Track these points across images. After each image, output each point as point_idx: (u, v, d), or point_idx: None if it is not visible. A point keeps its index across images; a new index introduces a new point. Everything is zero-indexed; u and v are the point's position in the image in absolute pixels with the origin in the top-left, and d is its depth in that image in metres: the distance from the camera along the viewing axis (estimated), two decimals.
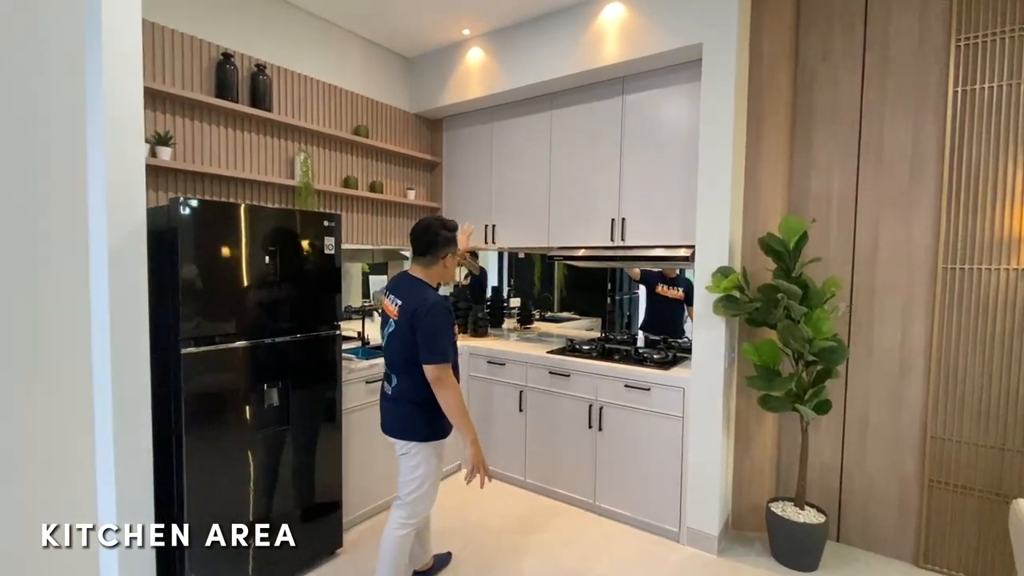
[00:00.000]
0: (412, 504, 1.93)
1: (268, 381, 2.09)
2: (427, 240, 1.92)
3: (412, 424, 1.90)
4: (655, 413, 2.57)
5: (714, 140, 2.37)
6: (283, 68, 2.75)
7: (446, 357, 1.80)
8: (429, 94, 3.44)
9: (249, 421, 2.03)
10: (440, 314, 1.83)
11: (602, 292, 4.05)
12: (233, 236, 1.96)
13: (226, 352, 1.94)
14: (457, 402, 1.81)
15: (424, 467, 1.92)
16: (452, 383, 1.82)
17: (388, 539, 1.91)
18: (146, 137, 2.20)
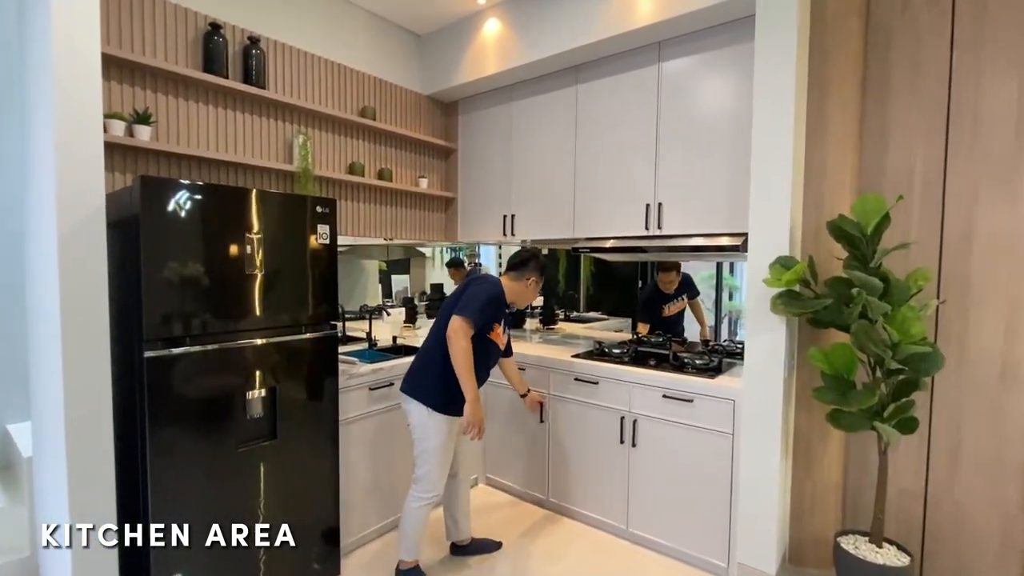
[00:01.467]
0: (421, 480, 2.04)
1: (250, 389, 1.82)
2: (522, 258, 2.22)
3: (428, 388, 2.02)
4: (699, 428, 2.21)
5: (770, 109, 2.00)
6: (280, 42, 2.50)
7: (476, 319, 1.95)
8: (442, 73, 3.16)
9: (228, 435, 1.76)
10: (491, 289, 2.04)
11: (632, 290, 3.69)
12: (207, 221, 1.70)
13: (199, 355, 1.68)
14: (464, 358, 1.91)
15: (429, 440, 2.01)
16: (465, 341, 1.92)
17: (405, 509, 2.07)
18: (123, 114, 1.97)
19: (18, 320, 2.19)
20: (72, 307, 1.50)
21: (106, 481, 1.60)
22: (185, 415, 1.66)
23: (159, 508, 1.61)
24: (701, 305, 3.15)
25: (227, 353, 1.75)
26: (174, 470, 1.64)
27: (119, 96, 2.00)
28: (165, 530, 1.61)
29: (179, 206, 1.63)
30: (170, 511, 1.64)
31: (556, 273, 4.43)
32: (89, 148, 1.53)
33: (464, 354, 1.91)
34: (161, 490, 1.62)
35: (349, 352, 2.65)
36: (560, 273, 4.43)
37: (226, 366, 1.75)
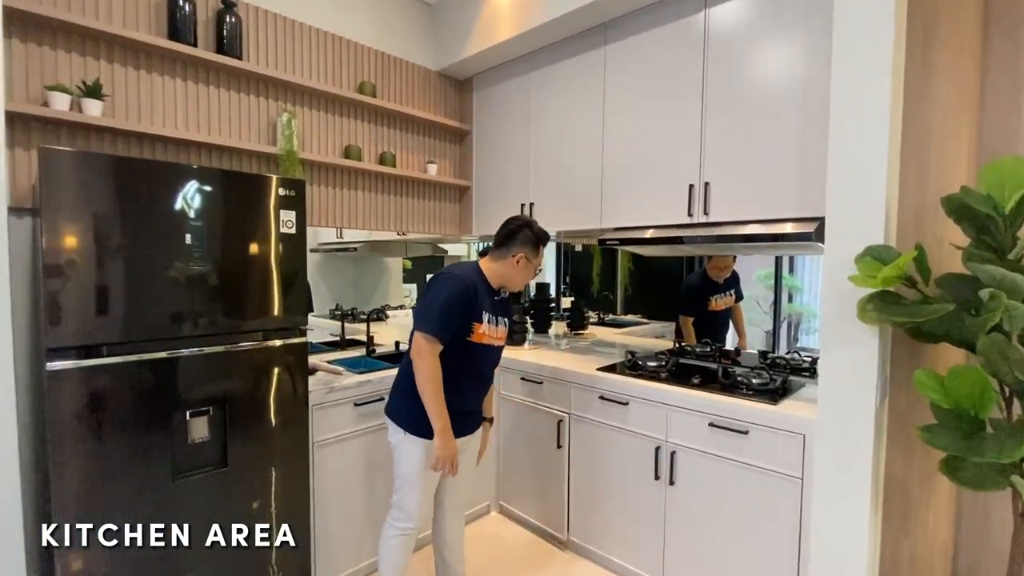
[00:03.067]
0: (396, 507, 1.76)
1: (192, 407, 1.51)
2: (505, 231, 1.79)
3: (402, 408, 1.73)
4: (757, 469, 1.73)
5: (856, 51, 1.49)
6: (260, 8, 2.21)
7: (436, 330, 1.60)
8: (454, 45, 2.79)
9: (161, 464, 1.46)
10: (451, 284, 1.64)
11: (676, 290, 3.20)
12: (131, 204, 1.40)
13: (119, 368, 1.37)
14: (431, 379, 1.60)
15: (406, 465, 1.72)
16: (430, 360, 1.60)
17: (381, 541, 1.78)
18: (67, 86, 1.71)
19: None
20: None
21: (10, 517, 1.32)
22: (102, 439, 1.37)
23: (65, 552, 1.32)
24: (743, 312, 2.64)
25: (158, 365, 1.44)
26: (86, 506, 1.35)
27: (67, 66, 1.75)
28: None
29: (91, 185, 1.33)
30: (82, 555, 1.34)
31: (591, 272, 3.99)
32: None
33: (429, 377, 1.59)
34: (69, 531, 1.32)
35: (338, 360, 2.33)
36: (594, 272, 3.98)
37: (157, 381, 1.45)
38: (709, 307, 2.67)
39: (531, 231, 1.79)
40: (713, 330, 2.63)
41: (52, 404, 1.29)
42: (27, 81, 1.68)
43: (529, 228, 1.79)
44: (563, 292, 4.06)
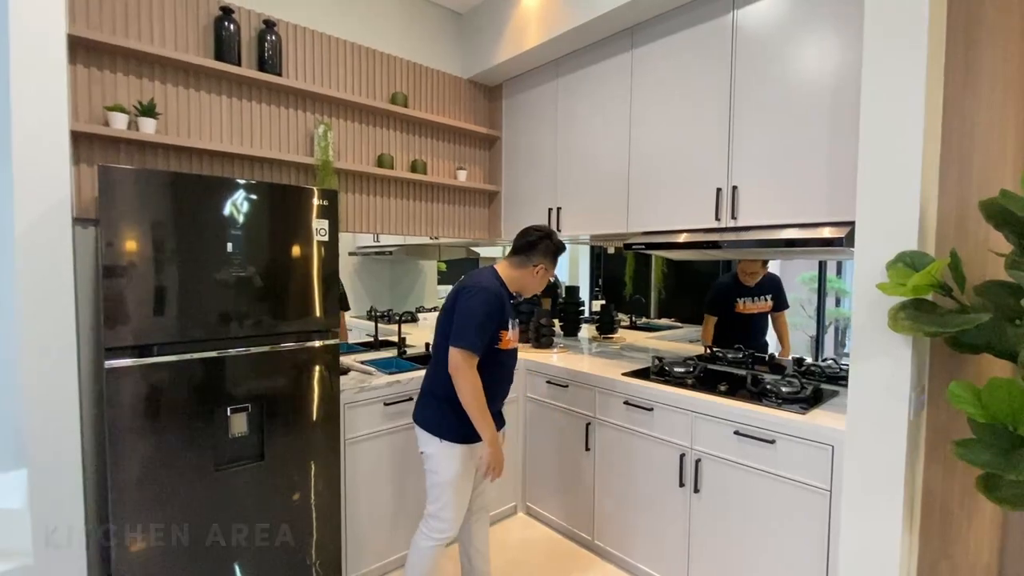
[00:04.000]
0: (434, 517, 1.74)
1: (232, 404, 1.62)
2: (528, 240, 1.82)
3: (436, 416, 1.73)
4: (783, 479, 1.69)
5: (889, 41, 1.44)
6: (298, 26, 2.32)
7: (473, 346, 1.63)
8: (483, 53, 2.85)
9: (204, 455, 1.57)
10: (483, 297, 1.67)
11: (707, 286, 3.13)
12: (180, 215, 1.52)
13: (168, 366, 1.49)
14: (475, 394, 1.63)
15: (444, 473, 1.71)
16: (472, 375, 1.63)
17: (413, 546, 1.77)
18: (124, 106, 1.86)
19: None
20: (32, 311, 1.37)
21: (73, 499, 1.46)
22: (153, 432, 1.49)
23: (122, 534, 1.44)
24: (786, 320, 2.56)
25: (202, 364, 1.55)
26: (140, 491, 1.47)
27: (124, 88, 1.91)
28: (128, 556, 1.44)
29: (146, 198, 1.46)
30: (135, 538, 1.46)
31: (623, 275, 3.96)
32: (51, 136, 1.39)
33: (473, 392, 1.63)
34: (124, 513, 1.45)
35: (371, 360, 2.42)
36: (627, 275, 3.95)
37: (202, 379, 1.56)
38: (736, 309, 2.61)
39: (551, 242, 1.82)
40: (741, 333, 2.57)
41: (110, 399, 1.42)
42: (89, 102, 1.84)
43: (550, 239, 1.82)
44: (595, 295, 4.05)
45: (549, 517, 2.53)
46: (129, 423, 1.45)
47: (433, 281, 3.62)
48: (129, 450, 1.45)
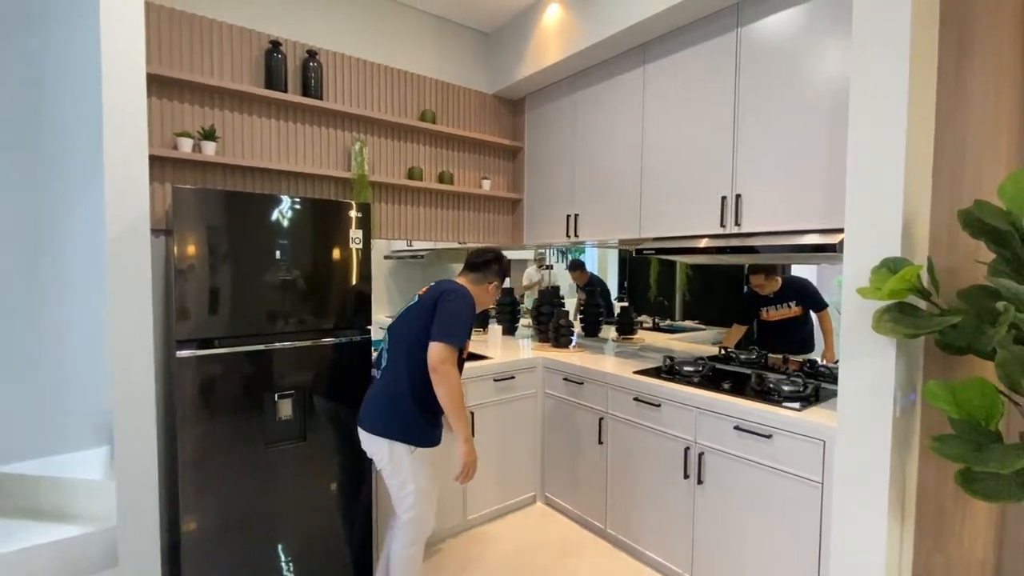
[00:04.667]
0: (414, 522, 1.77)
1: (279, 391, 1.86)
2: (484, 260, 1.95)
3: (406, 423, 1.73)
4: (779, 472, 1.79)
5: (874, 61, 1.53)
6: (337, 53, 2.57)
7: (460, 342, 1.71)
8: (507, 69, 3.03)
9: (257, 434, 1.82)
10: (469, 302, 1.79)
11: (737, 296, 3.20)
12: (237, 227, 1.77)
13: (226, 357, 1.75)
14: (456, 391, 1.68)
15: (415, 479, 1.74)
16: (453, 372, 1.69)
17: (394, 556, 1.78)
18: (190, 132, 2.15)
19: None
20: (117, 308, 1.65)
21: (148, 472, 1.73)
22: (213, 413, 1.74)
23: (188, 500, 1.70)
24: (831, 319, 2.56)
25: (255, 356, 1.80)
26: (202, 464, 1.73)
27: (193, 116, 2.20)
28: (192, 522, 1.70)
29: (208, 213, 1.71)
30: (199, 504, 1.72)
31: (648, 277, 4.06)
32: (134, 159, 1.66)
33: (456, 389, 1.67)
34: (190, 482, 1.71)
35: None
36: (652, 278, 4.05)
37: (254, 368, 1.81)
38: (761, 317, 2.68)
39: (501, 265, 1.97)
40: (774, 339, 2.62)
41: (179, 385, 1.68)
42: (162, 129, 2.13)
43: (501, 261, 1.97)
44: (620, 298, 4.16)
45: (565, 507, 2.68)
46: (194, 405, 1.71)
47: None
48: (194, 429, 1.71)
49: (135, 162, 1.68)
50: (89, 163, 2.49)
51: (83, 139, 2.50)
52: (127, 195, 1.65)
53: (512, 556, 2.35)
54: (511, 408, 2.67)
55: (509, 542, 2.46)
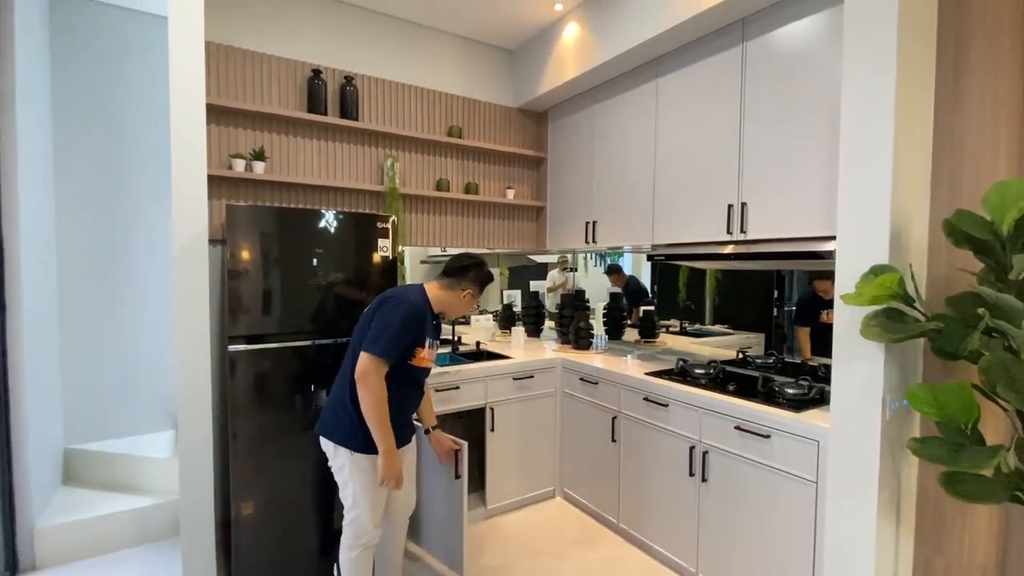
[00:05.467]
0: (350, 526, 1.79)
1: (316, 382, 2.09)
2: (461, 265, 1.87)
3: (344, 428, 1.74)
4: (777, 471, 1.86)
5: (864, 73, 1.59)
6: (371, 77, 2.82)
7: (385, 354, 1.66)
8: (530, 84, 3.20)
9: (298, 418, 2.06)
10: (404, 310, 1.71)
11: (767, 301, 3.22)
12: (279, 238, 2.02)
13: (271, 352, 2.00)
14: (377, 405, 1.65)
15: (352, 483, 1.75)
16: (377, 383, 1.65)
17: (341, 561, 1.82)
18: (243, 154, 2.44)
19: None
20: (180, 310, 1.92)
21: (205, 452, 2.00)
22: (261, 401, 2.00)
23: (238, 479, 1.96)
24: None
25: (295, 351, 2.04)
26: (251, 445, 1.98)
27: (245, 140, 2.49)
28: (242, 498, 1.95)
29: (256, 226, 1.97)
30: (247, 482, 1.97)
31: (677, 281, 4.11)
32: (196, 179, 1.94)
33: (376, 401, 1.63)
34: (240, 459, 1.96)
35: None
36: (681, 282, 4.09)
37: (294, 362, 2.05)
38: (820, 320, 2.66)
39: (481, 272, 1.87)
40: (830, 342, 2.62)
41: (231, 376, 1.94)
42: (219, 152, 2.43)
43: (480, 269, 1.86)
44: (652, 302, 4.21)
45: (582, 501, 2.80)
46: (243, 394, 1.97)
47: (496, 286, 4.03)
48: (244, 414, 1.97)
49: (196, 182, 1.96)
50: (157, 182, 2.85)
51: (153, 161, 2.87)
52: (190, 211, 1.93)
53: (528, 544, 2.49)
54: (531, 405, 2.82)
55: (526, 532, 2.61)
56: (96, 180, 2.78)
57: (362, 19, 2.80)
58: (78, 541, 2.33)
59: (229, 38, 2.44)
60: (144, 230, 2.90)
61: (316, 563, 2.12)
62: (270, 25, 2.54)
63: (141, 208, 2.88)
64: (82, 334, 2.77)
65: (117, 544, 2.40)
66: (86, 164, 2.75)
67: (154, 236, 2.89)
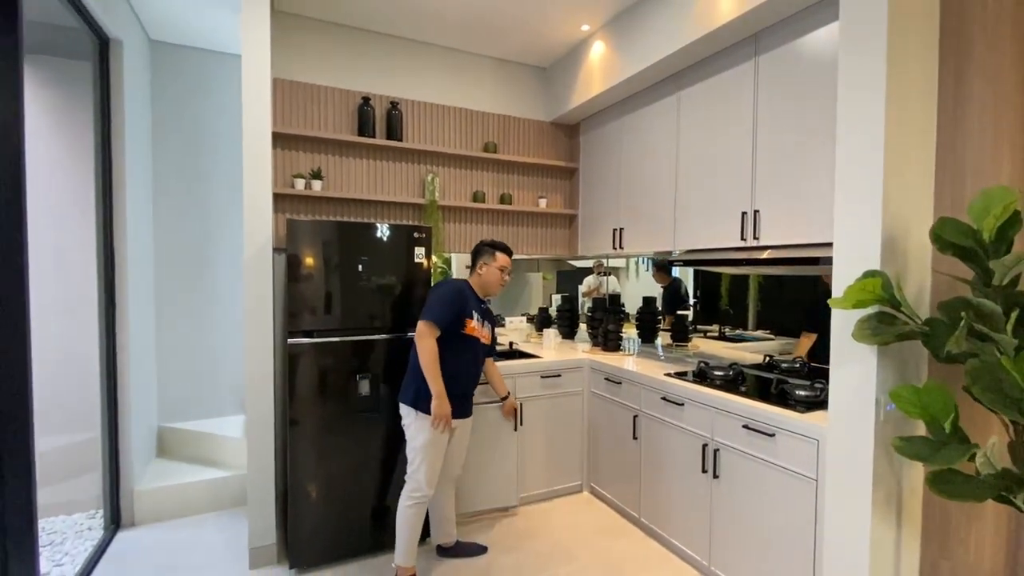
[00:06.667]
0: (412, 477, 2.15)
1: (360, 372, 2.38)
2: (473, 253, 2.37)
3: (409, 388, 2.17)
4: (781, 468, 1.93)
5: (857, 81, 1.66)
6: (414, 100, 3.12)
7: (435, 318, 2.10)
8: (562, 99, 3.39)
9: (347, 403, 2.36)
10: (446, 287, 2.22)
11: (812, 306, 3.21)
12: (329, 247, 2.33)
13: (324, 345, 2.30)
14: (427, 357, 2.07)
15: (418, 438, 2.12)
16: (429, 341, 2.08)
17: (398, 510, 2.16)
18: (303, 173, 2.80)
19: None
20: (250, 309, 2.27)
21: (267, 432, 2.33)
22: (316, 388, 2.31)
23: (295, 456, 2.28)
24: None
25: (343, 345, 2.34)
26: (308, 426, 2.30)
27: (305, 161, 2.85)
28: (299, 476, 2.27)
29: (312, 238, 2.29)
30: (303, 460, 2.29)
31: (719, 287, 4.13)
32: (263, 197, 2.29)
33: (428, 353, 2.06)
34: (298, 439, 2.28)
35: None
36: (723, 287, 4.11)
37: (340, 355, 2.35)
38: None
39: (484, 244, 2.32)
40: None
41: (291, 366, 2.26)
42: (282, 173, 2.80)
43: (483, 243, 2.33)
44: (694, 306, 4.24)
45: (607, 496, 2.93)
46: (304, 381, 2.29)
47: (539, 290, 4.24)
48: (302, 400, 2.29)
49: (263, 200, 2.31)
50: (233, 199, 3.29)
51: (229, 181, 3.31)
52: (258, 226, 2.28)
53: (554, 533, 2.66)
54: (559, 403, 2.99)
55: (553, 521, 2.78)
56: (184, 197, 3.26)
57: (408, 49, 3.11)
58: (167, 504, 2.75)
59: (292, 74, 2.81)
60: (223, 239, 3.35)
61: (361, 533, 2.41)
62: (326, 61, 2.90)
63: (220, 220, 3.34)
64: (173, 329, 3.25)
65: (198, 508, 2.81)
66: (177, 183, 3.23)
67: (231, 244, 3.34)
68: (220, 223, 3.34)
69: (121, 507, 2.68)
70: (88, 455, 2.63)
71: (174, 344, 3.25)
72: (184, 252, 3.27)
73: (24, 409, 1.74)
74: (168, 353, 3.23)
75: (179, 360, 3.27)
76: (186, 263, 3.28)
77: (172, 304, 3.24)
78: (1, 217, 1.67)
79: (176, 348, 3.26)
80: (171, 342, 3.24)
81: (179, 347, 3.27)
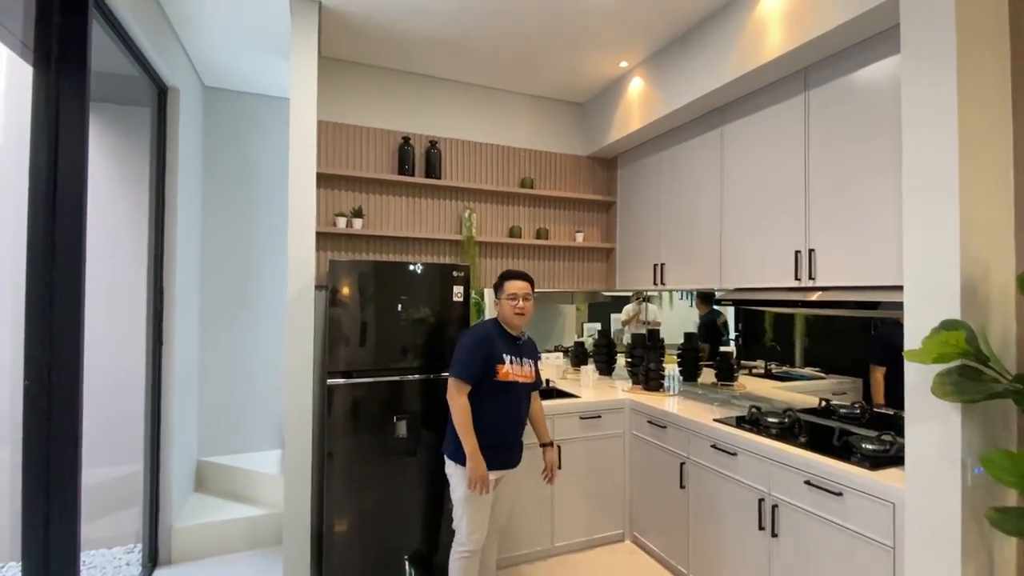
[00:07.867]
0: (456, 532, 2.09)
1: (397, 413, 2.34)
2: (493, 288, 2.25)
3: (448, 440, 2.11)
4: (850, 532, 1.77)
5: (924, 112, 1.56)
6: (453, 139, 3.15)
7: (460, 376, 2.02)
8: (599, 134, 3.37)
9: (382, 445, 2.32)
10: (468, 336, 2.11)
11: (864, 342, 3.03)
12: (369, 287, 2.34)
13: (361, 386, 2.28)
14: (458, 416, 2.00)
15: (459, 490, 2.06)
16: (459, 400, 2.00)
17: (449, 561, 2.11)
18: (344, 212, 2.84)
19: None
20: (290, 346, 2.28)
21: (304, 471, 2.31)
22: (352, 427, 2.28)
23: (332, 496, 2.24)
24: None
25: (382, 385, 2.32)
26: (344, 465, 2.26)
27: (346, 200, 2.90)
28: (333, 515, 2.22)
29: (352, 277, 2.30)
30: (339, 500, 2.25)
31: (763, 322, 3.96)
32: (307, 236, 2.32)
33: (459, 411, 1.98)
34: (334, 477, 2.24)
35: None
36: (767, 322, 3.94)
37: (381, 395, 2.32)
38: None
39: (497, 279, 2.19)
40: None
41: (329, 405, 2.25)
42: (325, 212, 2.85)
43: (499, 277, 2.19)
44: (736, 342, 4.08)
45: (651, 547, 2.77)
46: (339, 421, 2.26)
47: (572, 322, 4.16)
48: (338, 438, 2.26)
49: (307, 239, 2.34)
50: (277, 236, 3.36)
51: (274, 219, 3.40)
52: (300, 266, 2.31)
53: None
54: (599, 445, 2.87)
55: (590, 573, 2.63)
56: (230, 235, 3.36)
57: (447, 89, 3.17)
58: (204, 542, 2.74)
59: (336, 116, 2.89)
60: (265, 276, 3.42)
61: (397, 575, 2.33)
62: (369, 103, 2.97)
63: (263, 257, 3.42)
64: (215, 364, 3.31)
65: (234, 547, 2.79)
66: (223, 221, 3.33)
67: (272, 280, 3.40)
68: (262, 260, 3.42)
69: (159, 544, 2.68)
70: (130, 489, 2.66)
71: (215, 378, 3.30)
72: (228, 287, 3.35)
73: (73, 444, 1.76)
74: (209, 387, 3.28)
75: (219, 393, 3.31)
76: (230, 300, 3.36)
77: (216, 337, 3.31)
78: (64, 258, 1.74)
79: (218, 381, 3.31)
80: (213, 376, 3.29)
81: (220, 380, 3.32)
